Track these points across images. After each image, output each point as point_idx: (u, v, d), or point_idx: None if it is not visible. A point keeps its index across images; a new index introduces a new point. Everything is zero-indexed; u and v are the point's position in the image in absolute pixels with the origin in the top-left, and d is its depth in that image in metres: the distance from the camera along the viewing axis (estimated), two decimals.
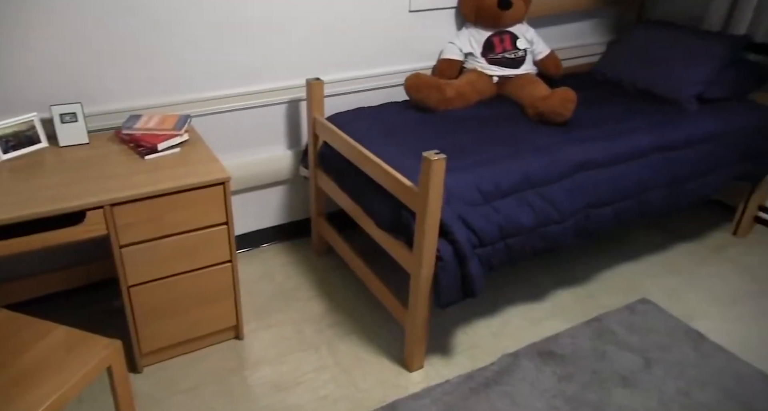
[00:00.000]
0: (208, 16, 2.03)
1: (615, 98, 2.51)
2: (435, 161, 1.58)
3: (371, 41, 2.40)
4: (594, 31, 3.02)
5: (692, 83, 2.41)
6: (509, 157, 1.95)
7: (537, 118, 2.23)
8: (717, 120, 2.33)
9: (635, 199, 2.14)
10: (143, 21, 1.93)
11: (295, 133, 2.42)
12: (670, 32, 2.61)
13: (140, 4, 1.90)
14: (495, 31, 2.47)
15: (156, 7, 1.93)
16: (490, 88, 2.45)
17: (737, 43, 2.44)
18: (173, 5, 1.96)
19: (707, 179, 2.31)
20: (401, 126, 2.17)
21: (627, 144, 2.11)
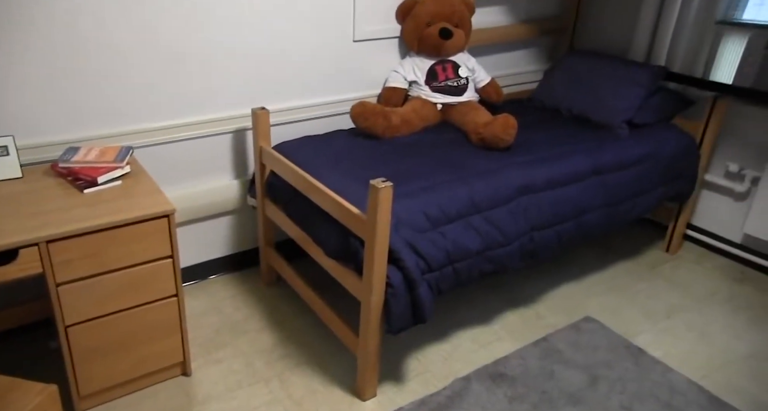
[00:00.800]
0: (151, 45, 2.01)
1: (553, 124, 2.62)
2: (382, 189, 1.60)
3: (317, 70, 2.42)
4: (531, 60, 3.16)
5: (622, 110, 2.54)
6: (455, 182, 2.00)
7: (480, 143, 2.30)
8: (646, 144, 2.46)
9: (575, 221, 2.22)
10: (81, 49, 1.89)
11: (242, 163, 2.40)
12: (600, 61, 2.76)
13: (78, 33, 1.86)
14: (438, 60, 2.54)
15: (96, 36, 1.90)
16: (435, 115, 2.51)
17: (658, 73, 2.60)
18: (113, 34, 1.93)
19: (640, 200, 2.43)
20: (348, 153, 2.19)
21: (565, 168, 2.20)
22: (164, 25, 2.00)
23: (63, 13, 1.81)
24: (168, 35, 2.02)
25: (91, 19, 1.86)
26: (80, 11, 1.84)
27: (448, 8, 2.49)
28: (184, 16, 2.03)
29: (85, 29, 1.87)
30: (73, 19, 1.84)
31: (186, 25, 2.04)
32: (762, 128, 2.60)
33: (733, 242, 2.82)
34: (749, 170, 2.66)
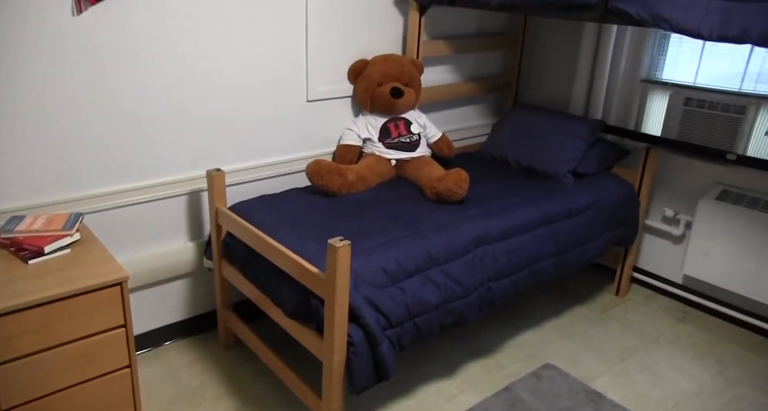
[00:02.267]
0: (101, 107, 2.00)
1: (503, 175, 2.72)
2: (340, 248, 1.61)
3: (271, 130, 2.46)
4: (479, 114, 3.31)
5: (566, 161, 2.68)
6: (411, 237, 2.04)
7: (435, 197, 2.36)
8: (590, 192, 2.59)
9: (529, 269, 2.29)
10: (23, 112, 1.86)
11: (198, 224, 2.38)
12: (543, 115, 2.92)
13: (20, 94, 1.84)
14: (390, 118, 2.63)
15: (40, 98, 1.88)
16: (389, 170, 2.58)
17: (597, 126, 2.77)
18: (60, 96, 1.91)
19: (588, 246, 2.53)
20: (305, 212, 2.21)
21: (517, 218, 2.28)
22: (115, 87, 2.01)
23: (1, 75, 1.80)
24: (119, 97, 2.02)
25: (35, 80, 1.85)
26: (22, 73, 1.82)
27: (398, 68, 2.61)
28: (136, 77, 2.04)
29: (28, 91, 1.84)
30: (12, 81, 1.81)
31: (138, 86, 2.06)
32: (689, 176, 2.79)
33: (674, 283, 2.96)
34: (683, 215, 2.83)
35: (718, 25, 1.75)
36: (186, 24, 2.09)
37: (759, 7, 1.65)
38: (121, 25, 1.95)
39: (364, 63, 2.61)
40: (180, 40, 2.10)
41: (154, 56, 2.06)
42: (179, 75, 2.14)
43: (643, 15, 1.91)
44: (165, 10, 2.03)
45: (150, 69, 2.06)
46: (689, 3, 1.81)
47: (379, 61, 2.60)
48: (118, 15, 1.93)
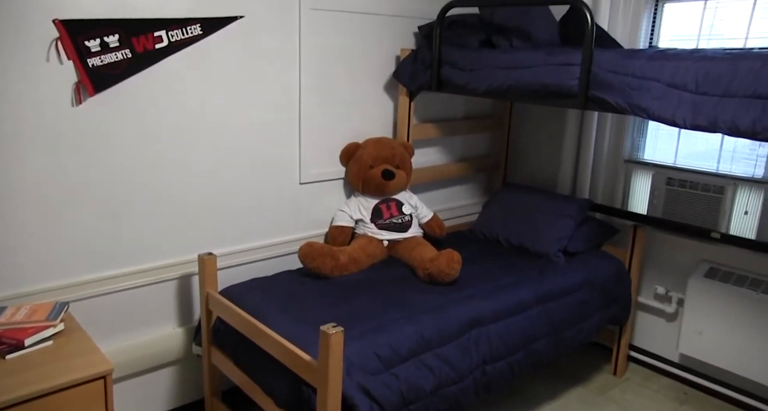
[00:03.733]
0: (90, 194, 2.03)
1: (494, 255, 2.75)
2: (333, 335, 1.60)
3: (264, 213, 2.50)
4: (469, 194, 3.38)
5: (557, 239, 2.72)
6: (405, 319, 2.03)
7: (427, 278, 2.37)
8: (582, 271, 2.61)
9: (524, 351, 2.26)
10: (9, 197, 1.86)
11: (187, 310, 2.35)
12: (532, 195, 2.99)
13: (11, 181, 1.86)
14: (382, 199, 2.68)
15: (23, 182, 1.89)
16: (382, 251, 2.60)
17: (584, 205, 2.84)
18: (50, 182, 1.94)
19: (583, 325, 2.51)
20: (297, 295, 2.20)
21: (511, 299, 2.28)
22: (106, 172, 2.04)
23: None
24: (109, 182, 2.05)
25: (19, 166, 1.86)
26: (8, 156, 1.84)
27: (389, 151, 2.69)
28: (127, 163, 2.09)
29: (13, 175, 1.86)
30: (4, 169, 1.84)
31: (128, 171, 2.10)
32: (677, 253, 2.82)
33: (672, 362, 2.92)
34: (674, 292, 2.84)
35: (690, 116, 1.85)
36: (179, 110, 2.18)
37: (723, 101, 1.75)
38: (116, 114, 2.02)
39: (356, 146, 2.69)
40: (173, 125, 2.17)
41: (147, 142, 2.12)
42: (171, 159, 2.19)
43: (622, 104, 2.01)
44: (160, 99, 2.11)
45: (141, 154, 2.11)
46: (663, 94, 1.92)
47: (370, 144, 2.69)
48: (114, 105, 2.01)
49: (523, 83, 2.28)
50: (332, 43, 2.56)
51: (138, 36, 2.00)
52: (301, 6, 2.40)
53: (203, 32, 2.15)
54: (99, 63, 1.94)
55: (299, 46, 2.44)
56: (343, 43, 2.60)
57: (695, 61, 1.86)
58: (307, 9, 2.43)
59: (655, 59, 1.94)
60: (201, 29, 2.15)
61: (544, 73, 2.21)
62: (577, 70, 2.10)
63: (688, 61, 1.87)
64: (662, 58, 1.93)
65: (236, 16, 2.23)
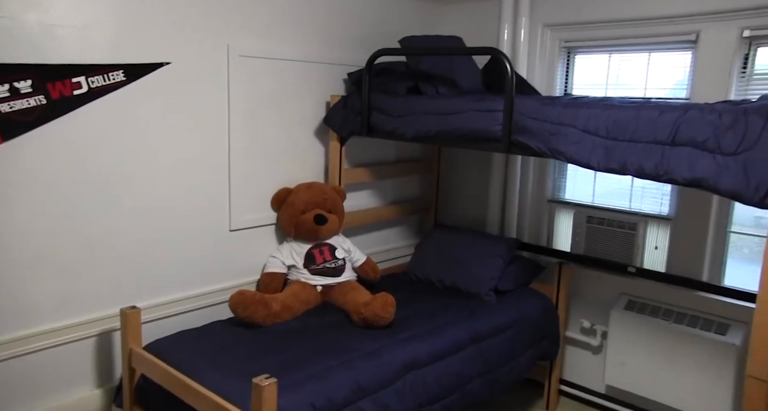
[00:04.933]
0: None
1: (429, 296, 2.77)
2: (266, 387, 1.56)
3: (192, 262, 2.42)
4: (402, 236, 3.43)
5: (487, 279, 2.79)
6: (340, 366, 2.00)
7: (362, 323, 2.35)
8: (513, 309, 2.68)
9: (460, 392, 2.28)
10: None
11: (107, 368, 2.21)
12: (462, 235, 3.07)
13: None
14: (314, 244, 2.67)
15: None
16: (315, 297, 2.56)
17: (513, 244, 2.95)
18: None
19: (515, 362, 2.57)
20: (228, 346, 2.12)
21: (445, 340, 2.30)
22: (9, 223, 1.92)
23: None
24: (17, 234, 1.93)
25: None
26: None
27: (321, 196, 2.70)
28: (41, 209, 1.98)
29: None
30: None
31: (41, 220, 1.98)
32: (599, 288, 2.97)
33: (599, 393, 3.02)
34: (599, 325, 2.97)
35: (603, 159, 1.99)
36: (100, 157, 2.10)
37: (630, 146, 1.90)
38: (28, 162, 1.93)
39: (288, 191, 2.68)
40: (94, 173, 2.09)
41: (64, 191, 2.02)
42: (90, 208, 2.10)
43: (542, 148, 2.13)
44: (79, 146, 2.04)
45: (57, 203, 2.01)
46: (579, 139, 2.05)
47: (302, 189, 2.69)
48: (27, 153, 1.92)
49: (450, 128, 2.37)
50: (262, 89, 2.57)
51: (54, 82, 1.94)
52: (230, 53, 2.41)
53: (126, 78, 2.11)
54: (8, 109, 1.85)
55: (228, 92, 2.44)
56: (273, 89, 2.62)
57: (604, 109, 2.01)
58: (236, 56, 2.44)
59: (569, 107, 2.08)
60: (124, 75, 2.10)
61: (470, 118, 2.31)
62: (501, 116, 2.22)
63: (599, 109, 2.01)
64: (576, 106, 2.07)
65: (162, 62, 2.20)
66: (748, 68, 2.49)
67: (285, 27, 2.62)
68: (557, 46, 3.02)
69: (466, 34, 3.28)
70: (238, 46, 2.44)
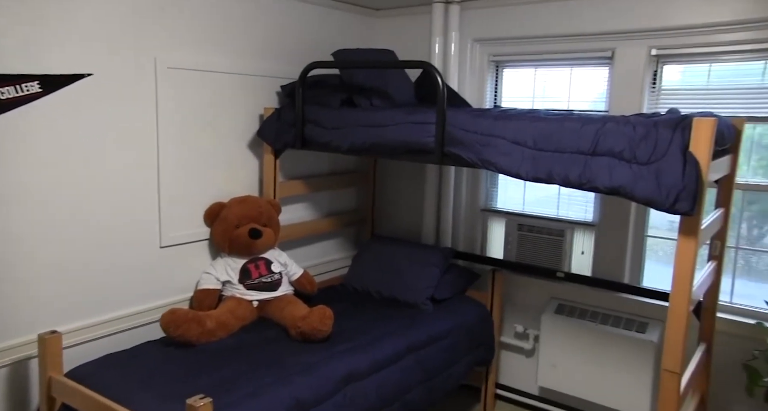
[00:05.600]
0: None
1: (367, 307, 2.78)
2: (200, 408, 1.51)
3: (120, 281, 2.32)
4: (338, 248, 3.42)
5: (424, 288, 2.83)
6: (278, 382, 1.96)
7: (300, 337, 2.32)
8: (449, 317, 2.73)
9: (400, 402, 2.29)
10: None
11: (21, 400, 2.06)
12: (399, 246, 3.10)
13: None
14: (250, 259, 2.62)
15: None
16: (251, 312, 2.51)
17: (448, 254, 3.01)
18: None
19: (453, 370, 2.61)
20: (160, 368, 2.04)
21: (384, 350, 2.31)
22: None
23: None
24: None
25: None
26: None
27: (255, 210, 2.66)
28: None
29: None
30: None
31: None
32: (531, 294, 3.08)
33: (533, 395, 3.12)
34: (531, 329, 3.08)
35: (531, 169, 2.07)
36: (12, 172, 1.99)
37: (555, 156, 1.99)
38: None
39: (221, 206, 2.62)
40: (6, 188, 1.97)
41: None
42: (3, 225, 1.97)
43: (474, 159, 2.20)
44: None
45: None
46: (508, 150, 2.12)
47: (235, 204, 2.64)
48: None
49: (384, 140, 2.40)
50: (193, 102, 2.51)
51: None
52: (157, 65, 2.34)
53: (43, 90, 2.01)
54: None
55: (156, 105, 2.37)
56: (205, 102, 2.56)
57: (531, 121, 2.09)
58: (164, 68, 2.37)
59: (499, 119, 2.16)
60: (40, 87, 2.00)
61: (403, 131, 2.35)
62: (433, 128, 2.27)
63: (526, 121, 2.10)
64: (505, 118, 2.15)
65: (83, 73, 2.11)
66: (657, 84, 2.67)
67: (216, 39, 2.58)
68: (486, 60, 3.13)
69: (398, 47, 3.34)
70: (167, 58, 2.37)
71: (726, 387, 2.56)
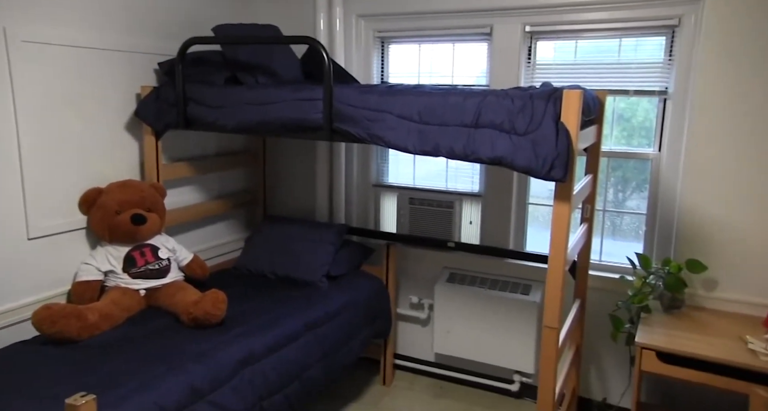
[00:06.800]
0: None
1: (262, 289, 2.74)
2: (82, 406, 1.42)
3: None
4: (230, 230, 3.32)
5: (319, 266, 2.84)
6: (170, 372, 1.89)
7: (193, 323, 2.24)
8: (345, 292, 2.76)
9: (300, 380, 2.30)
10: None
11: None
12: (292, 225, 3.07)
13: None
14: (134, 246, 2.47)
15: None
16: (139, 302, 2.38)
17: (341, 230, 3.03)
18: None
19: (351, 344, 2.65)
20: (38, 370, 1.88)
21: (282, 330, 2.30)
22: None
23: None
24: None
25: None
26: None
27: (137, 194, 2.50)
28: None
29: None
30: None
31: None
32: (423, 265, 3.19)
33: (429, 362, 3.26)
34: (426, 299, 3.20)
35: (418, 143, 2.12)
36: None
37: (441, 129, 2.06)
38: None
39: (98, 192, 2.44)
40: None
41: None
42: None
43: (362, 134, 2.21)
44: None
45: None
46: (395, 124, 2.16)
47: (114, 189, 2.47)
48: None
49: (271, 118, 2.34)
50: (57, 81, 2.29)
51: None
52: (8, 37, 2.10)
53: None
54: None
55: (11, 84, 2.13)
56: (73, 80, 2.35)
57: (417, 96, 2.14)
58: (18, 41, 2.14)
59: (385, 94, 2.18)
60: None
61: (290, 108, 2.31)
62: (321, 104, 2.25)
63: (412, 96, 2.14)
64: (391, 94, 2.18)
65: None
66: (532, 59, 2.84)
67: (81, 10, 2.36)
68: (372, 36, 3.15)
69: (283, 23, 3.26)
70: (20, 31, 2.14)
71: (596, 336, 2.83)
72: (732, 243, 2.49)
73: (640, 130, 2.73)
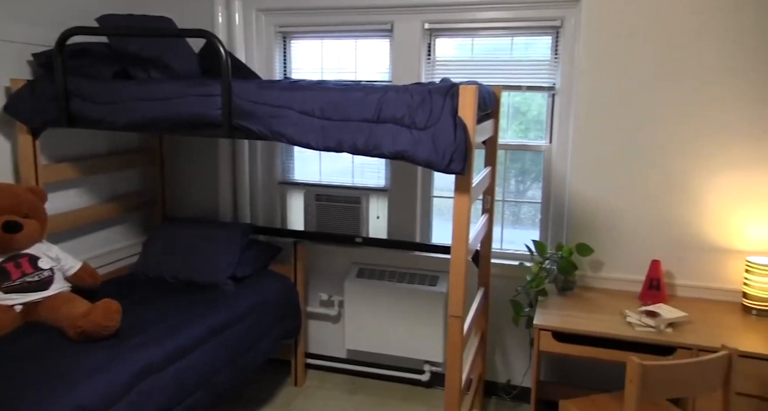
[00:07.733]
0: None
1: (162, 294, 2.58)
2: None
3: None
4: (125, 235, 3.11)
5: (224, 267, 2.73)
6: (56, 393, 1.73)
7: (81, 337, 2.07)
8: (252, 294, 2.67)
9: (204, 388, 2.20)
10: None
11: None
12: (194, 226, 2.93)
13: None
14: (7, 257, 2.24)
15: None
16: (13, 319, 2.15)
17: (247, 230, 2.93)
18: None
19: (260, 347, 2.58)
20: None
21: (182, 338, 2.18)
22: None
23: None
24: None
25: None
26: None
27: (12, 199, 2.27)
28: None
29: None
30: None
31: None
32: (332, 261, 3.16)
33: (341, 359, 3.25)
34: (336, 296, 3.18)
35: (321, 139, 2.09)
36: None
37: (343, 125, 2.04)
38: None
39: None
40: None
41: None
42: None
43: (264, 131, 2.14)
44: None
45: None
46: (297, 120, 2.11)
47: None
48: None
49: (166, 115, 2.21)
50: None
51: None
52: None
53: None
54: None
55: None
56: None
57: (318, 91, 2.10)
58: None
59: (287, 90, 2.13)
60: None
61: (187, 104, 2.19)
62: (219, 100, 2.15)
63: (314, 92, 2.10)
64: (293, 89, 2.13)
65: None
66: (431, 55, 2.89)
67: None
68: (273, 31, 3.07)
69: (179, 16, 3.09)
70: None
71: (500, 321, 2.94)
72: (613, 228, 2.68)
73: (535, 123, 2.86)
